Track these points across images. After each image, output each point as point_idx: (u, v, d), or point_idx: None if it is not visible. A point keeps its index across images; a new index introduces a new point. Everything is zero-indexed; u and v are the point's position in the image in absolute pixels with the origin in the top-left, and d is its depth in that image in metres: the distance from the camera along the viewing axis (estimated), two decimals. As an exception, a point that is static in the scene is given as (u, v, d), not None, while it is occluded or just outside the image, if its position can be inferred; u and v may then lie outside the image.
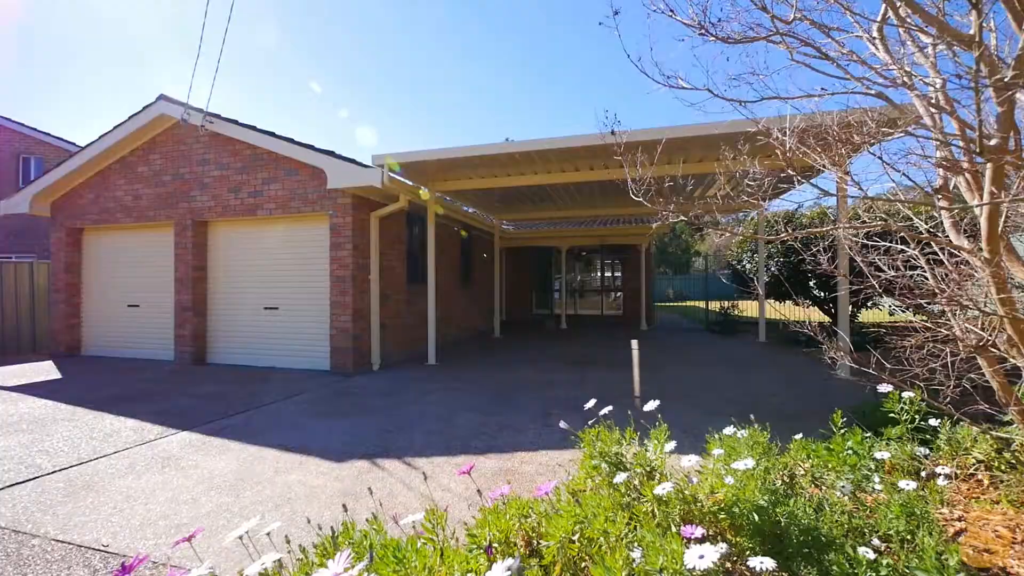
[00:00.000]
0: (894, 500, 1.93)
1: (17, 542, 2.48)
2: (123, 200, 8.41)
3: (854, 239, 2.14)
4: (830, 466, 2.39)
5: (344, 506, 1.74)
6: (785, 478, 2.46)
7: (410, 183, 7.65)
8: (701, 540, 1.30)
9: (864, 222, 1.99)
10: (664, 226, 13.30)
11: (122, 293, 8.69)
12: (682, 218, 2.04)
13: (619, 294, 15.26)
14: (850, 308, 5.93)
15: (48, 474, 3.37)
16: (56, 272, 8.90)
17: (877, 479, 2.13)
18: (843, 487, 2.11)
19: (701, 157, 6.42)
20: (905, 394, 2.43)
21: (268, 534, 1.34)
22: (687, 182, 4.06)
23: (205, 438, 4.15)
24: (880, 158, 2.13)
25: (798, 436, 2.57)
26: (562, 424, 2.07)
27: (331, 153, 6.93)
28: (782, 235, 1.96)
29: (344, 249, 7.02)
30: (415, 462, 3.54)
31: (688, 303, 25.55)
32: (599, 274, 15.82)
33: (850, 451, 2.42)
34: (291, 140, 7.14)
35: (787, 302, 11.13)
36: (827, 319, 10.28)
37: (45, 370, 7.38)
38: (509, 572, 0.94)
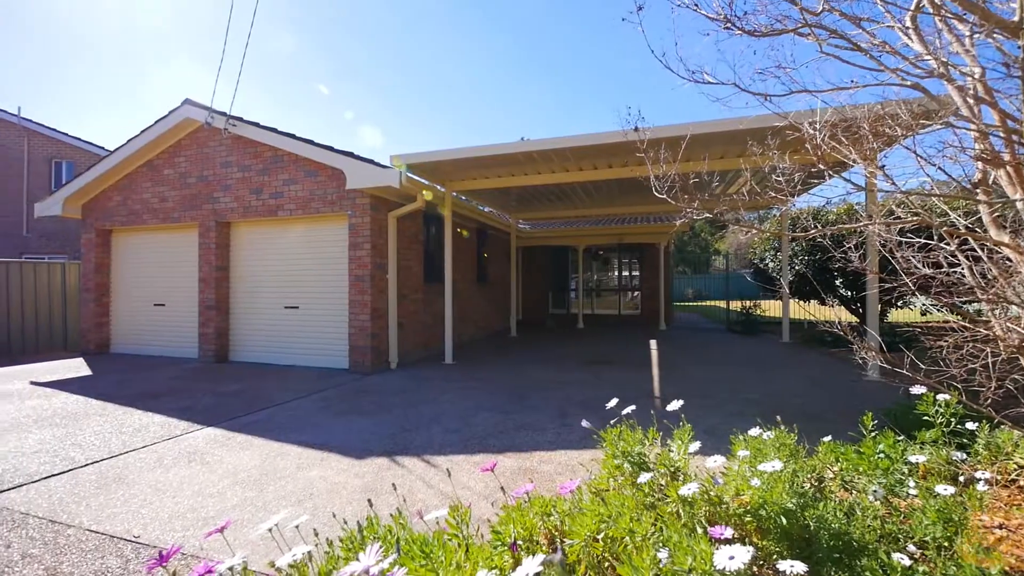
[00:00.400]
0: (930, 505, 1.86)
1: (54, 531, 2.57)
2: (150, 202, 8.65)
3: (887, 235, 2.07)
4: (861, 470, 2.32)
5: (369, 501, 1.75)
6: (813, 481, 2.40)
7: (426, 182, 7.70)
8: (729, 541, 1.27)
9: (898, 218, 1.92)
10: (685, 224, 13.14)
11: (149, 292, 8.94)
12: (707, 215, 2.00)
13: (637, 293, 15.12)
14: (878, 307, 5.75)
15: (81, 467, 3.48)
16: (86, 272, 9.20)
17: (912, 483, 2.06)
18: (875, 491, 2.04)
19: (723, 153, 6.31)
20: (940, 396, 2.34)
21: (297, 527, 1.35)
22: (713, 178, 3.97)
23: (229, 434, 4.23)
24: (914, 152, 2.06)
25: (826, 438, 2.50)
26: (584, 423, 2.05)
27: (350, 154, 7.01)
28: (811, 231, 1.90)
29: (363, 249, 7.10)
30: (434, 460, 3.55)
31: (708, 303, 25.18)
32: (616, 273, 15.69)
33: (881, 454, 2.34)
34: (311, 142, 7.24)
35: (812, 301, 10.86)
36: (854, 319, 10.02)
37: (76, 367, 7.63)
38: (548, 565, 0.93)
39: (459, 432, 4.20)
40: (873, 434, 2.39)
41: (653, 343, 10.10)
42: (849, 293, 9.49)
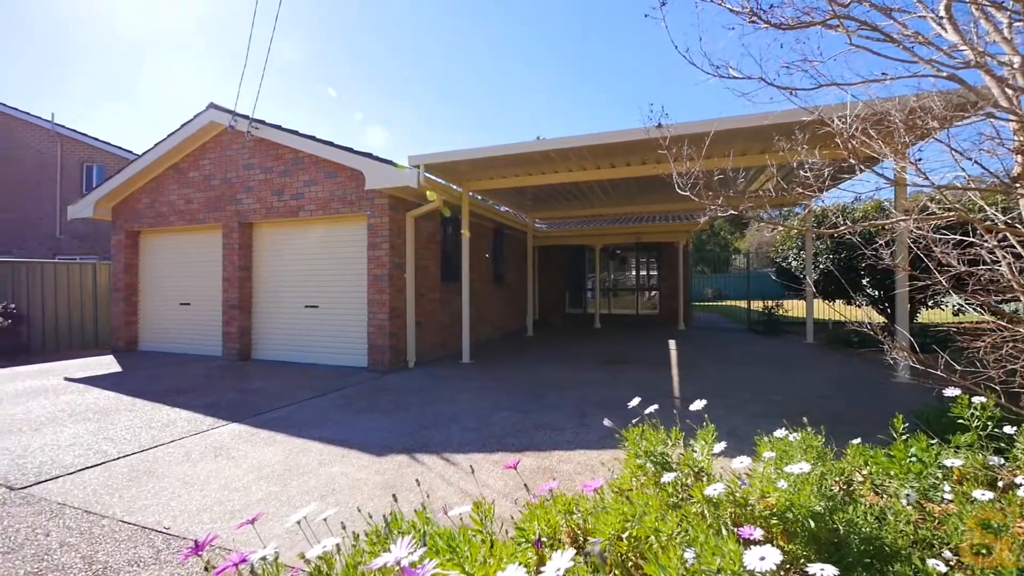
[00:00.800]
0: (966, 511, 1.80)
1: (89, 521, 2.66)
2: (176, 204, 8.90)
3: (920, 231, 2.00)
4: (892, 473, 2.25)
5: (394, 496, 1.77)
6: (842, 485, 2.35)
7: (443, 182, 7.75)
8: (758, 542, 1.25)
9: (932, 213, 1.86)
10: (707, 222, 12.95)
11: (175, 292, 9.19)
12: (732, 212, 1.97)
13: (655, 293, 14.96)
14: (908, 307, 5.57)
15: (113, 460, 3.60)
16: (116, 272, 9.51)
17: (947, 488, 1.99)
18: (908, 495, 1.98)
19: (745, 150, 6.20)
20: (976, 398, 2.26)
21: (325, 520, 1.38)
22: (738, 174, 3.89)
23: (253, 430, 4.33)
24: (948, 145, 1.99)
25: (855, 441, 2.44)
26: (606, 422, 2.04)
27: (369, 155, 7.10)
28: (841, 227, 1.85)
29: (381, 249, 7.18)
30: (453, 458, 3.57)
31: (727, 302, 24.77)
32: (634, 272, 15.55)
33: (913, 458, 2.27)
34: (331, 143, 7.36)
35: (837, 301, 10.60)
36: (882, 319, 9.74)
37: (107, 364, 7.89)
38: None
39: (477, 431, 4.21)
40: (904, 437, 2.32)
41: (672, 343, 9.99)
42: (877, 292, 9.23)
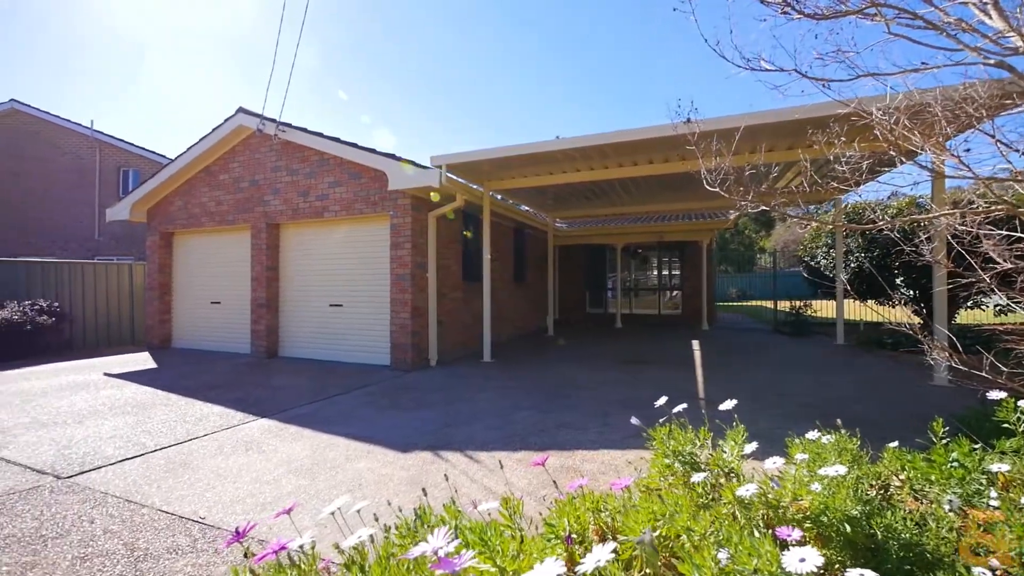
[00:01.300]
0: (1014, 518, 1.73)
1: (130, 510, 2.77)
2: (207, 206, 9.18)
3: (963, 227, 1.92)
4: (932, 479, 2.17)
5: (423, 490, 1.79)
6: (878, 489, 2.27)
7: (464, 182, 7.79)
8: (797, 544, 1.22)
9: (978, 207, 1.78)
10: (733, 220, 12.69)
11: (206, 291, 9.49)
12: (763, 208, 1.92)
13: (677, 293, 14.74)
14: (946, 307, 5.35)
15: (151, 452, 3.74)
16: (151, 272, 9.87)
17: (993, 494, 1.91)
18: (951, 501, 1.91)
19: (774, 145, 6.05)
20: (1022, 402, 2.16)
21: (358, 511, 1.41)
22: (770, 169, 3.79)
23: (281, 425, 4.44)
24: (993, 136, 1.91)
25: (892, 444, 2.36)
26: (633, 420, 2.02)
27: (392, 156, 7.19)
28: (880, 223, 1.79)
29: (404, 248, 7.26)
30: (476, 456, 3.59)
31: (752, 303, 24.23)
32: (656, 272, 15.35)
33: (955, 463, 2.19)
34: (355, 145, 7.48)
35: (869, 301, 10.25)
36: (917, 320, 9.38)
37: (142, 360, 8.20)
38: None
39: (500, 429, 4.23)
40: (944, 441, 2.23)
41: (695, 343, 9.82)
42: (912, 292, 8.89)
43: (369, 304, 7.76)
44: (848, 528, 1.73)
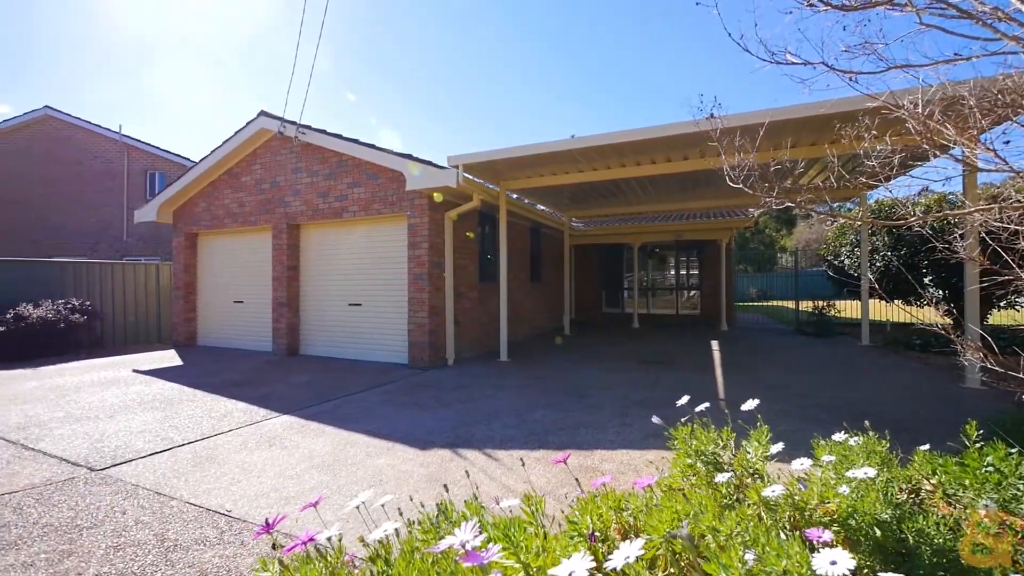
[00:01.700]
0: (1056, 526, 1.66)
1: (160, 502, 2.86)
2: (230, 207, 9.40)
3: (998, 223, 1.86)
4: (966, 483, 2.10)
5: (445, 486, 1.81)
6: (908, 493, 2.21)
7: (481, 182, 7.81)
8: (827, 546, 1.20)
9: (1017, 202, 1.72)
10: (754, 218, 12.46)
11: (229, 290, 9.72)
12: (789, 204, 1.88)
13: (695, 292, 14.54)
14: (978, 307, 5.16)
15: (179, 446, 3.85)
16: (176, 272, 10.15)
17: (1033, 499, 1.84)
18: (986, 505, 1.84)
19: (795, 141, 5.92)
20: (1063, 404, 2.08)
21: (383, 505, 1.42)
22: (797, 165, 3.71)
23: (303, 422, 4.52)
24: (1032, 129, 1.84)
25: (924, 447, 2.29)
26: (654, 419, 2.01)
27: (409, 156, 7.26)
28: (911, 219, 1.74)
29: (421, 248, 7.32)
30: (495, 454, 3.61)
31: (772, 303, 23.76)
32: (674, 271, 15.17)
33: (990, 468, 2.11)
34: (372, 146, 7.57)
35: (896, 301, 9.96)
36: (947, 320, 9.08)
37: (169, 357, 8.43)
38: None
39: (518, 428, 4.23)
40: (979, 445, 2.16)
41: (714, 344, 9.68)
42: (942, 292, 8.60)
43: (387, 303, 7.85)
44: (878, 532, 1.69)
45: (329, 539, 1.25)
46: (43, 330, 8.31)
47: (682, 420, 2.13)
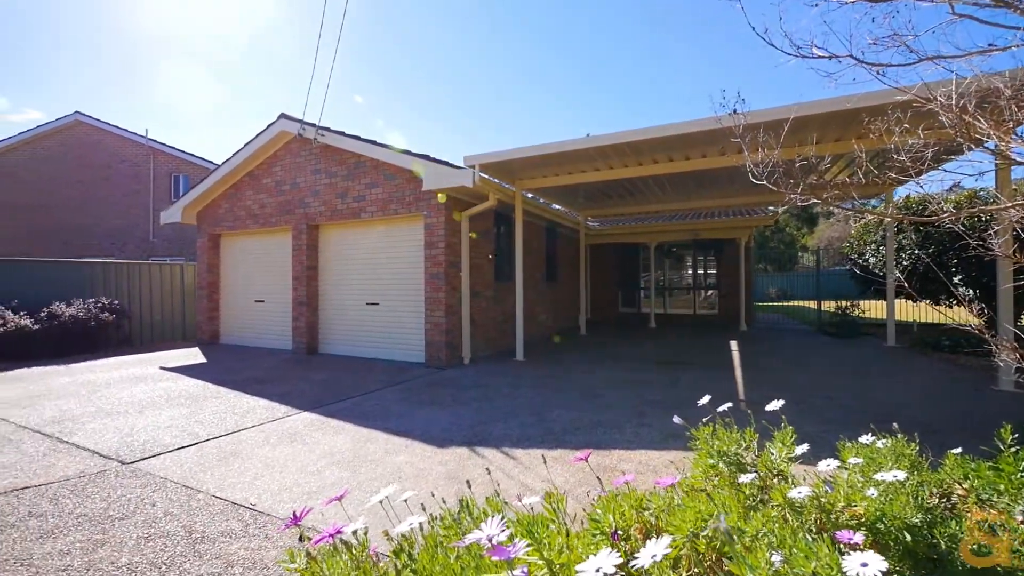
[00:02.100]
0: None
1: (187, 495, 2.94)
2: (251, 208, 9.60)
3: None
4: (1001, 488, 2.04)
5: (468, 483, 1.82)
6: (939, 497, 2.15)
7: (497, 181, 7.83)
8: (857, 548, 1.17)
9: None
10: (773, 216, 12.23)
11: (250, 290, 9.93)
12: (814, 201, 1.84)
13: (713, 292, 14.34)
14: (1012, 305, 4.98)
15: (204, 441, 3.95)
16: (200, 272, 10.40)
17: (1074, 506, 1.77)
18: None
19: (820, 136, 5.79)
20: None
21: (405, 500, 1.44)
22: (823, 161, 3.63)
23: (322, 419, 4.59)
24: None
25: (956, 451, 2.22)
26: (676, 419, 1.99)
27: (426, 157, 7.31)
28: (943, 215, 1.69)
29: (437, 248, 7.37)
30: (512, 452, 3.61)
31: (793, 302, 23.29)
32: (691, 271, 14.98)
33: (1027, 472, 2.04)
34: (389, 147, 7.65)
35: (924, 301, 9.66)
36: (978, 320, 8.79)
37: (193, 355, 8.65)
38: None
39: (535, 427, 4.23)
40: (1014, 449, 2.09)
41: (733, 344, 9.53)
42: (973, 291, 8.32)
43: (404, 302, 7.92)
44: (908, 537, 1.65)
45: (355, 532, 1.28)
46: (75, 328, 8.61)
47: (703, 420, 2.10)
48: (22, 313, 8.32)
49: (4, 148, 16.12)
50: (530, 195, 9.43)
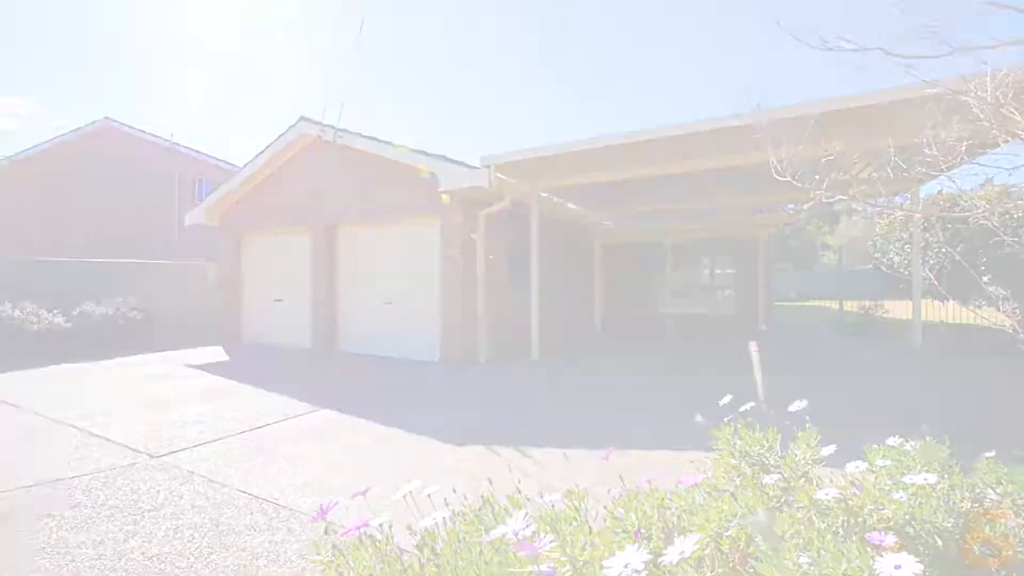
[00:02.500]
0: None
1: (213, 489, 3.01)
2: (271, 209, 9.79)
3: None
4: (1037, 493, 1.97)
5: (489, 480, 1.84)
6: (971, 502, 2.09)
7: (513, 181, 7.83)
8: (889, 550, 1.15)
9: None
10: (794, 215, 12.00)
11: (271, 290, 10.12)
12: (840, 197, 1.81)
13: (731, 292, 14.12)
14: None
15: (228, 437, 4.04)
16: (222, 272, 10.65)
17: (1118, 512, 1.71)
18: (1062, 518, 1.72)
19: (846, 132, 5.66)
20: None
21: (429, 496, 1.46)
22: (849, 157, 3.55)
23: (341, 415, 4.66)
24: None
25: (989, 454, 2.16)
26: (698, 418, 1.97)
27: (442, 157, 7.36)
28: (976, 211, 1.64)
29: (453, 247, 7.41)
30: (529, 451, 3.62)
31: (814, 302, 22.81)
32: (708, 270, 14.77)
33: (1066, 478, 1.97)
34: (405, 148, 7.72)
35: (951, 301, 9.37)
36: (1011, 321, 8.47)
37: (217, 353, 8.85)
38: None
39: (551, 426, 4.23)
40: (1050, 454, 2.02)
41: (752, 344, 9.38)
42: (1004, 291, 8.04)
43: (420, 301, 7.99)
44: (939, 541, 1.61)
45: (380, 525, 1.30)
46: (105, 326, 8.90)
47: (725, 420, 2.08)
48: (55, 311, 8.63)
49: (37, 152, 16.72)
50: (545, 195, 9.41)
